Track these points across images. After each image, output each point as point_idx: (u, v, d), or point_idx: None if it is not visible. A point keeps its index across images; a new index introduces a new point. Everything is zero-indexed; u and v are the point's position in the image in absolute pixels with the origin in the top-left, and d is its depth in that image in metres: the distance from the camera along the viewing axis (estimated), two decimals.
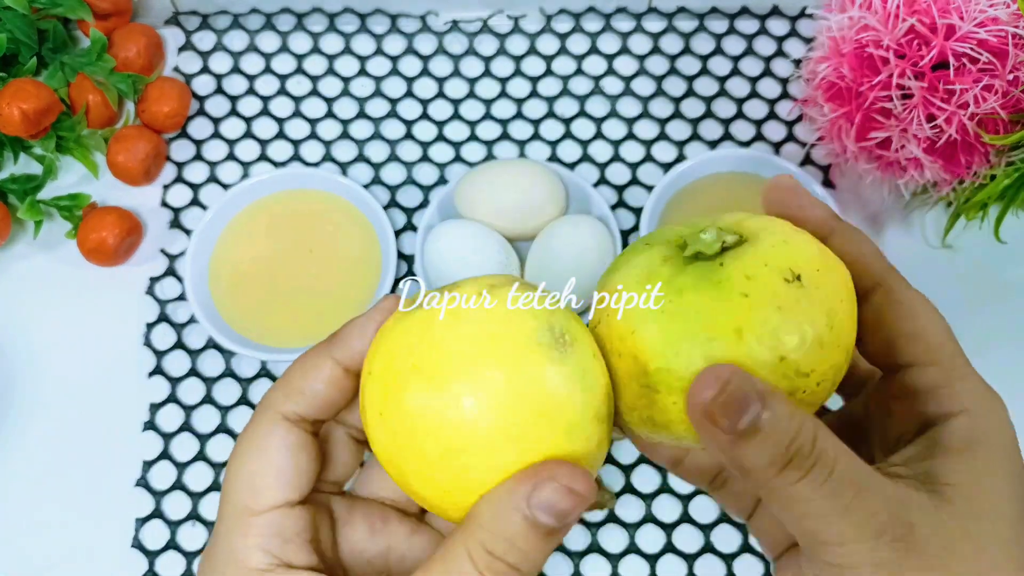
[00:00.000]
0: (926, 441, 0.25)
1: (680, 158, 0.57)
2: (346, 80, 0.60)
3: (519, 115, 0.59)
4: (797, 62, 0.60)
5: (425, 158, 0.58)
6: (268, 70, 0.60)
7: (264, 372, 0.52)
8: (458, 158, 0.57)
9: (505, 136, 0.58)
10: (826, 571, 0.23)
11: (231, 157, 0.58)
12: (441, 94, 0.59)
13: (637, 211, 0.56)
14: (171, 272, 0.54)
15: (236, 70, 0.60)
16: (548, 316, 0.24)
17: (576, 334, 0.24)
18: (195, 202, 0.57)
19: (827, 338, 0.23)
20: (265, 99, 0.59)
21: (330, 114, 0.59)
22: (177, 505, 0.49)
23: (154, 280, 0.54)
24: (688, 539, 0.48)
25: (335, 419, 0.30)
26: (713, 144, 0.58)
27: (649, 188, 0.56)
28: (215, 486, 0.50)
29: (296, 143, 0.58)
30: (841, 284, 0.25)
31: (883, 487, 0.23)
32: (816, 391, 0.24)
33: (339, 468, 0.31)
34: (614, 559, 0.48)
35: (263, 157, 0.58)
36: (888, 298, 0.26)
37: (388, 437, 0.24)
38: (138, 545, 0.48)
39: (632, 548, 0.48)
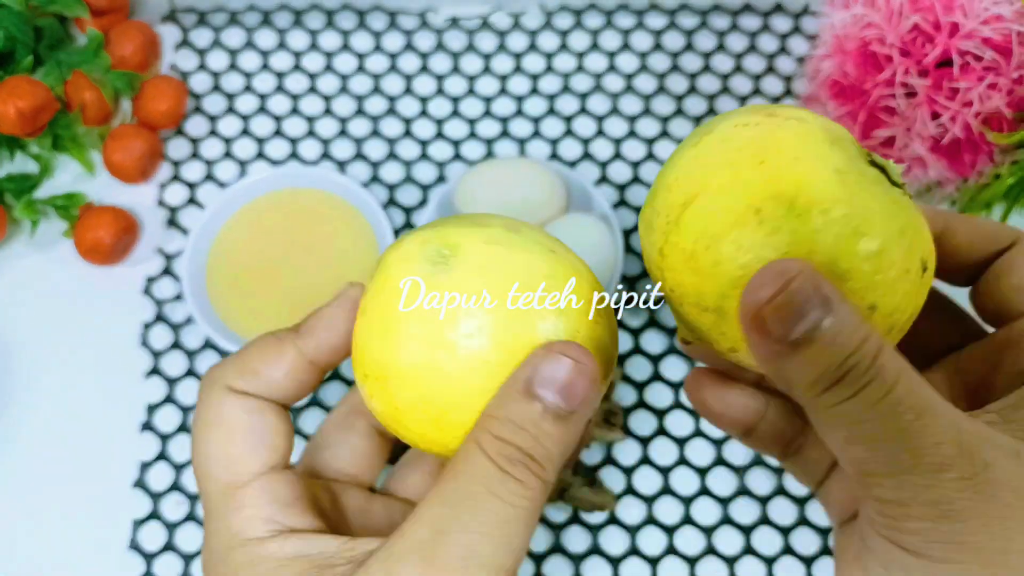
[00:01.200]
0: None
1: None
2: (344, 77, 0.59)
3: (519, 113, 0.58)
4: (800, 60, 0.60)
5: (424, 156, 0.57)
6: (266, 67, 0.60)
7: None
8: (458, 156, 0.57)
9: (505, 134, 0.58)
10: (875, 512, 0.21)
11: (228, 155, 0.57)
12: (440, 91, 0.59)
13: (638, 209, 0.55)
14: (168, 271, 0.54)
15: (233, 67, 0.60)
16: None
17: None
18: (192, 201, 0.56)
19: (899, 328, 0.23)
20: (263, 97, 0.59)
21: (328, 112, 0.58)
22: (175, 506, 0.49)
23: (151, 280, 0.54)
24: (690, 542, 0.48)
25: (355, 406, 0.30)
26: None
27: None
28: None
29: (294, 141, 0.58)
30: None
31: (956, 419, 0.20)
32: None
33: (356, 460, 0.30)
34: (615, 561, 0.48)
35: (261, 155, 0.57)
36: (1020, 250, 0.26)
37: (393, 396, 0.25)
38: (135, 547, 0.48)
39: (633, 550, 0.48)
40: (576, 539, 0.48)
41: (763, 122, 0.23)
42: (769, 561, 0.47)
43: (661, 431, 0.50)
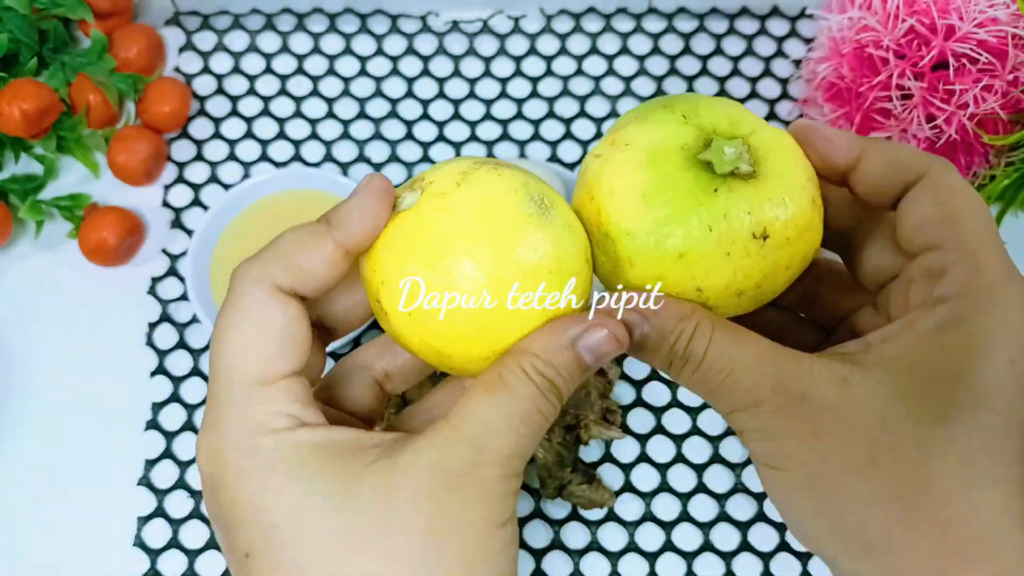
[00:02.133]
0: (907, 320, 0.26)
1: None
2: (346, 80, 0.60)
3: (519, 115, 0.59)
4: (797, 62, 0.60)
5: (425, 158, 0.58)
6: (269, 70, 0.60)
7: None
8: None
9: (505, 136, 0.58)
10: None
11: (232, 157, 0.58)
12: (441, 94, 0.59)
13: None
14: (173, 272, 0.55)
15: (237, 70, 0.60)
16: (526, 187, 0.27)
17: (552, 196, 0.28)
18: (196, 202, 0.57)
19: (750, 293, 0.27)
20: (266, 99, 0.59)
21: (331, 114, 0.59)
22: (179, 504, 0.49)
23: (156, 280, 0.54)
24: (688, 537, 0.48)
25: (361, 361, 0.32)
26: None
27: None
28: None
29: (297, 143, 0.58)
30: (808, 249, 0.28)
31: (777, 368, 0.26)
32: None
33: (360, 403, 0.32)
34: (614, 557, 0.48)
35: (264, 157, 0.58)
36: (928, 183, 0.27)
37: (407, 312, 0.27)
38: (140, 544, 0.49)
39: (632, 547, 0.48)
40: (575, 535, 0.48)
41: (603, 153, 0.28)
42: (765, 557, 0.48)
43: (659, 429, 0.51)
